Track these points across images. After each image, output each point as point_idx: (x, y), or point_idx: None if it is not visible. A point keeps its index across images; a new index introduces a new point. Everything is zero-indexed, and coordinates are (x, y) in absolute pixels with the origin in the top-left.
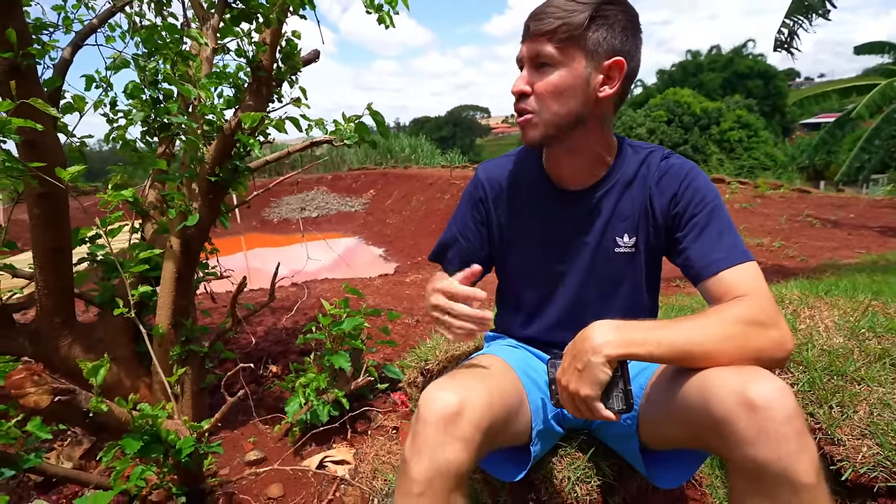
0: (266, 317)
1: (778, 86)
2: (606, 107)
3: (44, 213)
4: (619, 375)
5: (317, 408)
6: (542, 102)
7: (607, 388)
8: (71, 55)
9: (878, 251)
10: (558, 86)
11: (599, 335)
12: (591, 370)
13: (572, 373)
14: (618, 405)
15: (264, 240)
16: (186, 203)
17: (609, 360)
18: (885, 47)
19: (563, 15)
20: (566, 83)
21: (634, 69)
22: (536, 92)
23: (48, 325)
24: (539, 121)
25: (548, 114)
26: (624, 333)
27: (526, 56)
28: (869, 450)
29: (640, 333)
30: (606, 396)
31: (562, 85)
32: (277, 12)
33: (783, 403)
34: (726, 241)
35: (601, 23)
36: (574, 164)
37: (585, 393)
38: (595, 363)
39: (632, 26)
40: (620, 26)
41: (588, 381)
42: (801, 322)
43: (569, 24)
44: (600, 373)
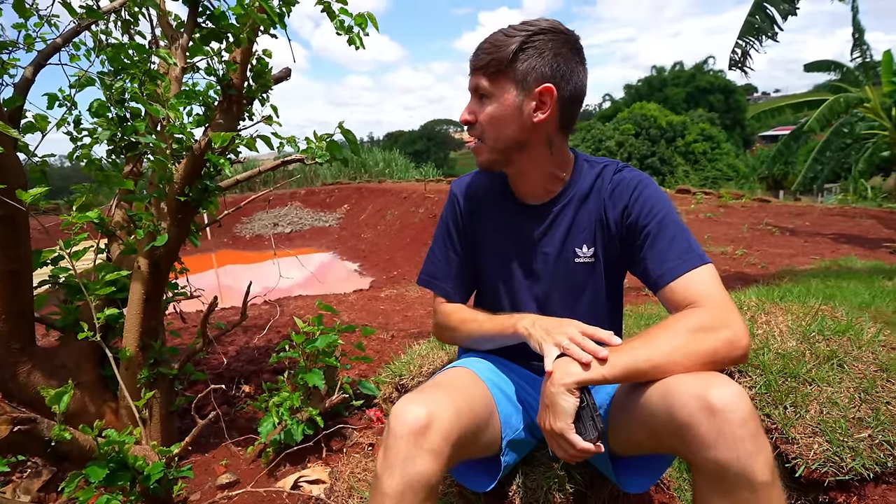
0: (238, 336)
1: (738, 100)
2: (548, 129)
3: (2, 234)
4: (586, 405)
5: (291, 427)
6: (484, 130)
7: (580, 420)
8: (33, 74)
9: (830, 257)
10: (493, 115)
11: (557, 371)
12: (556, 402)
13: (545, 411)
14: (591, 434)
15: (236, 256)
16: (155, 223)
17: (567, 388)
18: (832, 66)
19: (492, 50)
20: (499, 113)
21: (574, 91)
22: (479, 121)
23: (6, 352)
24: (484, 147)
25: (490, 140)
26: (578, 364)
27: (469, 88)
28: (820, 447)
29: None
30: (583, 428)
31: (496, 114)
32: (248, 32)
33: (740, 406)
34: (677, 247)
35: (530, 53)
36: (528, 182)
37: (558, 426)
38: (557, 394)
39: (566, 51)
40: (551, 54)
41: (556, 413)
42: (758, 328)
43: (497, 59)
44: (563, 402)
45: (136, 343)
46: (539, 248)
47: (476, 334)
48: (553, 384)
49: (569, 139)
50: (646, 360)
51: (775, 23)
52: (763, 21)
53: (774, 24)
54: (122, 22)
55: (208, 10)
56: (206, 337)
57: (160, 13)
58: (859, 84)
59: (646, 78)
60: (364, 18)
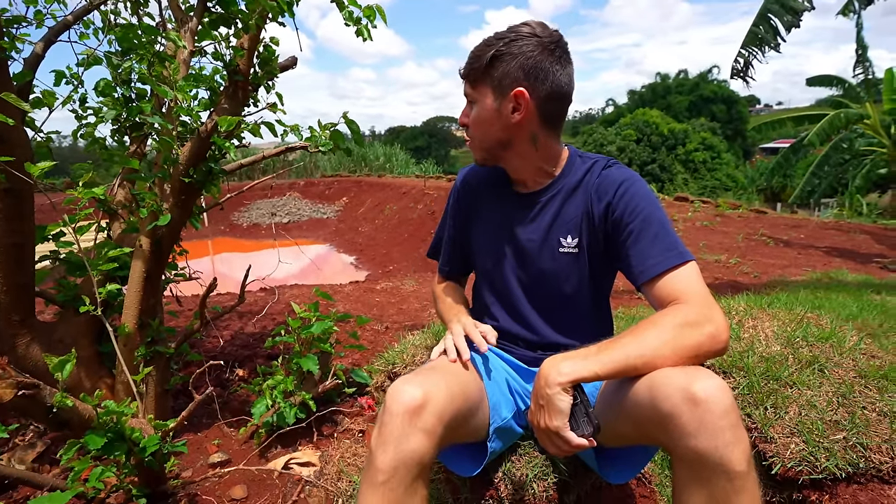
0: (233, 321)
1: (740, 111)
2: (531, 127)
3: (7, 206)
4: (579, 401)
5: (283, 410)
6: (473, 132)
7: (574, 417)
8: (43, 50)
9: (822, 269)
10: (477, 119)
11: (549, 370)
12: (552, 401)
13: (538, 410)
14: (586, 429)
15: (233, 244)
16: (158, 203)
17: (562, 387)
18: (834, 81)
19: (472, 60)
20: (481, 116)
21: (552, 89)
22: (469, 124)
23: (6, 323)
24: (475, 146)
25: (477, 140)
26: (570, 362)
27: (465, 94)
28: (796, 446)
29: (584, 359)
30: (576, 425)
31: (479, 118)
32: (256, 18)
33: (722, 398)
34: (659, 245)
35: (505, 59)
36: (517, 175)
37: (553, 425)
38: (552, 394)
39: (539, 53)
40: (524, 58)
41: (552, 412)
42: (744, 332)
43: (475, 68)
44: (559, 401)
45: (135, 320)
46: (525, 235)
47: (439, 313)
48: (548, 385)
49: (559, 134)
50: (637, 356)
51: (778, 34)
52: (766, 32)
53: (777, 35)
54: (132, 2)
55: None
56: (204, 317)
57: None
58: (860, 100)
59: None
60: (373, 10)
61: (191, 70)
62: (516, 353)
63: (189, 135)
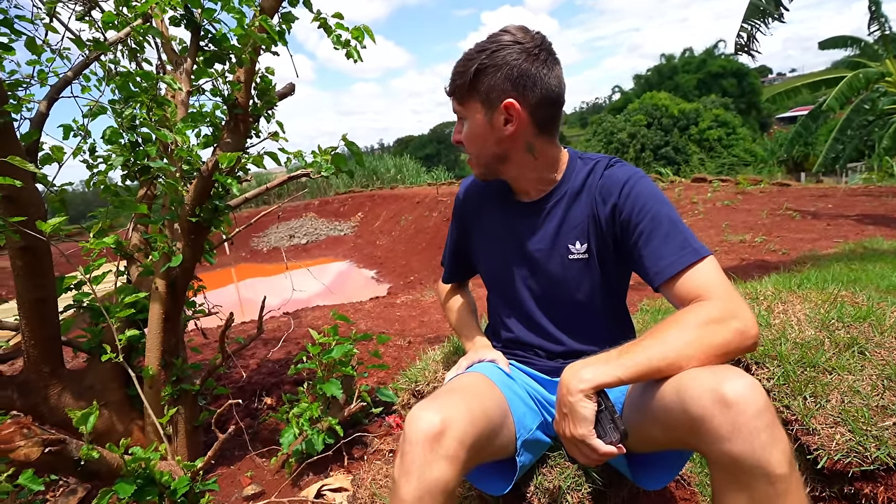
0: (258, 349)
1: (752, 83)
2: (525, 137)
3: (26, 264)
4: (604, 408)
5: (311, 437)
6: (469, 149)
7: (599, 424)
8: (47, 108)
9: (855, 239)
10: (470, 135)
11: (570, 377)
12: (575, 409)
13: (563, 419)
14: (613, 436)
15: (255, 269)
16: (169, 244)
17: (585, 394)
18: (849, 41)
19: (455, 76)
20: (474, 132)
21: (543, 95)
22: (463, 140)
23: (36, 375)
24: (473, 163)
25: (475, 157)
26: (591, 368)
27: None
28: (842, 437)
29: (605, 364)
30: (602, 432)
31: (472, 134)
32: (249, 52)
33: (754, 398)
34: (673, 242)
35: (489, 72)
36: (519, 185)
37: (580, 433)
38: (575, 402)
39: (523, 60)
40: (508, 68)
41: (576, 420)
42: (774, 317)
43: (460, 85)
44: (582, 409)
45: (157, 362)
46: (532, 244)
47: (451, 324)
48: (570, 392)
49: (556, 138)
50: (660, 358)
51: (780, 3)
52: (768, 2)
53: (780, 4)
54: (130, 50)
55: (210, 34)
56: (225, 352)
57: (163, 40)
58: (879, 58)
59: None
60: (361, 31)
61: (191, 108)
62: (536, 364)
63: (193, 174)
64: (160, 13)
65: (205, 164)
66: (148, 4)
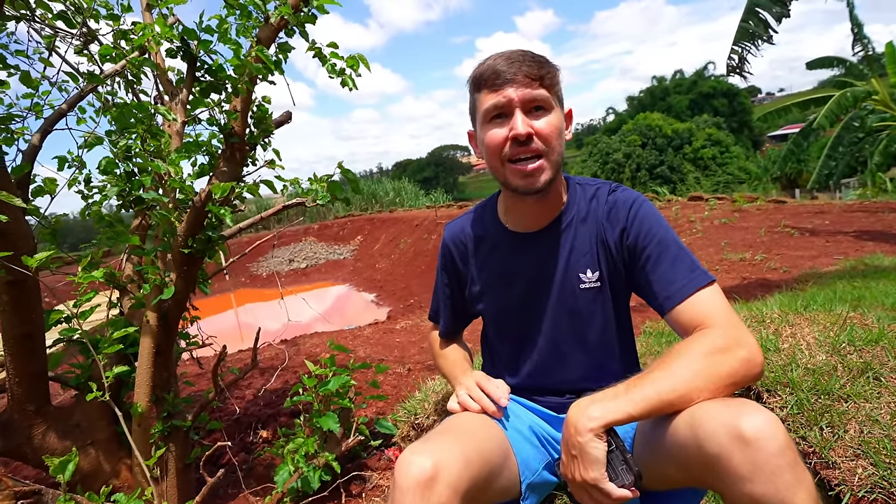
0: (255, 378)
1: (742, 102)
2: None
3: (13, 299)
4: (615, 448)
5: (307, 474)
6: (548, 144)
7: (610, 465)
8: (40, 141)
9: (855, 256)
10: (558, 126)
11: (577, 416)
12: (584, 450)
13: (571, 462)
14: (626, 478)
15: (254, 294)
16: (162, 276)
17: (595, 433)
18: (835, 61)
19: (542, 63)
20: (561, 125)
21: None
22: (540, 134)
23: (21, 415)
24: (548, 163)
25: (554, 154)
26: (599, 405)
27: (519, 100)
28: (864, 471)
29: (613, 400)
30: (614, 474)
31: (560, 126)
32: (245, 82)
33: (775, 435)
34: (681, 267)
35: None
36: (541, 206)
37: (591, 476)
38: (584, 443)
39: None
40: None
41: (587, 463)
42: (783, 342)
43: (551, 72)
44: (593, 450)
45: (147, 398)
46: (544, 277)
47: (441, 368)
48: (579, 432)
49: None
50: (670, 391)
51: (769, 26)
52: (757, 25)
53: (768, 27)
54: (126, 82)
55: (206, 65)
56: (218, 386)
57: (159, 72)
58: (864, 77)
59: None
60: (356, 60)
61: (187, 138)
62: (542, 400)
63: (187, 205)
64: (156, 46)
65: (198, 194)
66: (144, 37)
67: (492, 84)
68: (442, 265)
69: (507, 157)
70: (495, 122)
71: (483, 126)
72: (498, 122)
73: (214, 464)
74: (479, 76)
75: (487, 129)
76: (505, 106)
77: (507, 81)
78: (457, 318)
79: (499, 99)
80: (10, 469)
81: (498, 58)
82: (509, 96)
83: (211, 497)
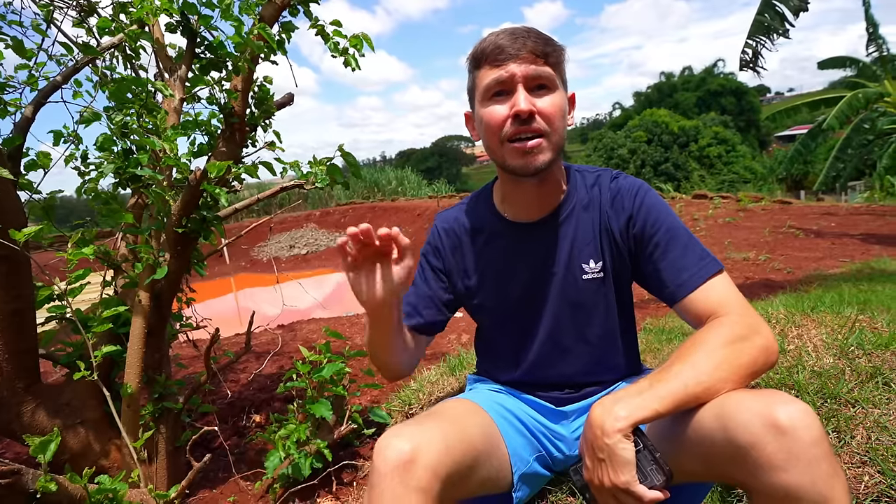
0: (250, 362)
1: (750, 101)
2: None
3: (2, 274)
4: (643, 447)
5: (298, 461)
6: (551, 124)
7: (639, 467)
8: (33, 113)
9: (861, 259)
10: (562, 107)
11: (602, 416)
12: (613, 453)
13: (598, 466)
14: (657, 479)
15: (255, 279)
16: (155, 255)
17: (623, 433)
18: (847, 62)
19: (548, 41)
20: (564, 106)
21: None
22: (543, 113)
23: (10, 391)
24: (548, 144)
25: (556, 136)
26: (624, 403)
27: (522, 75)
28: (871, 479)
29: (638, 397)
30: (643, 476)
31: (563, 107)
32: (247, 60)
33: (810, 425)
34: (690, 256)
35: (564, 53)
36: (540, 193)
37: (623, 480)
38: (612, 444)
39: None
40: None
41: (617, 465)
42: (789, 343)
43: (557, 51)
44: (622, 451)
45: (137, 379)
46: (543, 268)
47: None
48: (606, 434)
49: None
50: (696, 384)
51: (786, 20)
52: (773, 19)
53: (785, 21)
54: (124, 56)
55: (206, 41)
56: (211, 370)
57: (157, 46)
58: (877, 79)
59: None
60: (359, 39)
61: (186, 116)
62: (542, 394)
63: (183, 183)
64: (153, 18)
65: (192, 172)
66: (143, 10)
67: (494, 59)
68: (431, 249)
69: (507, 137)
70: (496, 100)
71: (482, 103)
72: (498, 99)
73: (206, 447)
74: (480, 52)
75: (487, 105)
76: (507, 81)
77: (511, 57)
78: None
79: (500, 73)
80: (2, 446)
81: (501, 33)
82: (512, 71)
83: (202, 480)
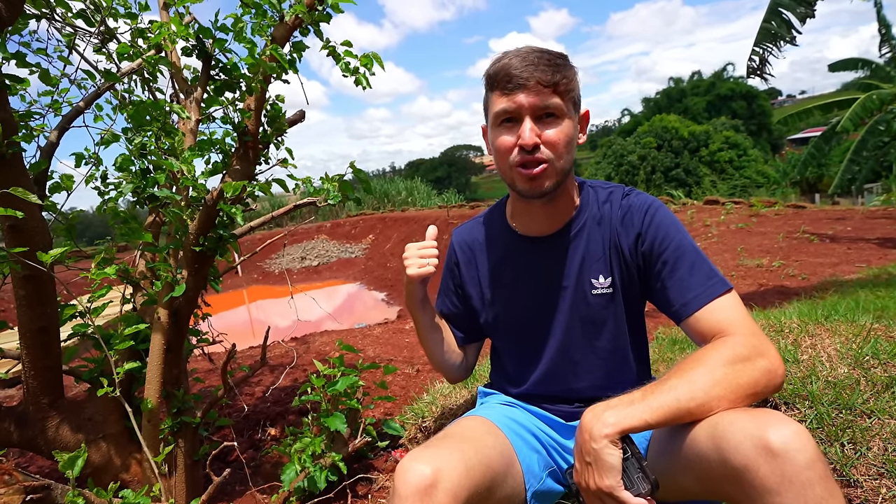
0: (265, 375)
1: (761, 105)
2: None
3: (29, 293)
4: (630, 455)
5: (314, 474)
6: (556, 152)
7: (626, 473)
8: (57, 138)
9: (878, 264)
10: (569, 136)
11: (592, 422)
12: (599, 457)
13: (585, 469)
14: (643, 487)
15: (267, 291)
16: (173, 273)
17: (610, 439)
18: (859, 63)
19: (558, 68)
20: (572, 133)
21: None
22: (549, 142)
23: (35, 407)
24: (552, 171)
25: (560, 163)
26: (614, 411)
27: (529, 106)
28: (889, 491)
29: (629, 406)
30: (629, 482)
31: (571, 135)
32: (260, 81)
33: (804, 447)
34: (699, 274)
35: (576, 75)
36: (549, 211)
37: (606, 484)
38: (599, 449)
39: None
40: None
41: (602, 470)
42: (802, 353)
43: (567, 77)
44: (608, 456)
45: (157, 394)
46: (553, 283)
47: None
48: (593, 438)
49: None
50: (689, 399)
51: (792, 27)
52: (779, 26)
53: (792, 28)
54: (142, 80)
55: (221, 63)
56: (227, 384)
57: (174, 70)
58: (891, 80)
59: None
60: (370, 59)
61: (201, 136)
62: (551, 408)
63: (198, 203)
64: (171, 44)
65: (209, 193)
66: (160, 36)
67: (503, 87)
68: (447, 268)
69: (514, 164)
70: (505, 127)
71: (494, 128)
72: (507, 126)
73: (223, 460)
74: (492, 75)
75: (497, 133)
76: (514, 112)
77: (519, 87)
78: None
79: (509, 104)
80: (26, 459)
81: (513, 57)
82: (520, 102)
83: (219, 494)
